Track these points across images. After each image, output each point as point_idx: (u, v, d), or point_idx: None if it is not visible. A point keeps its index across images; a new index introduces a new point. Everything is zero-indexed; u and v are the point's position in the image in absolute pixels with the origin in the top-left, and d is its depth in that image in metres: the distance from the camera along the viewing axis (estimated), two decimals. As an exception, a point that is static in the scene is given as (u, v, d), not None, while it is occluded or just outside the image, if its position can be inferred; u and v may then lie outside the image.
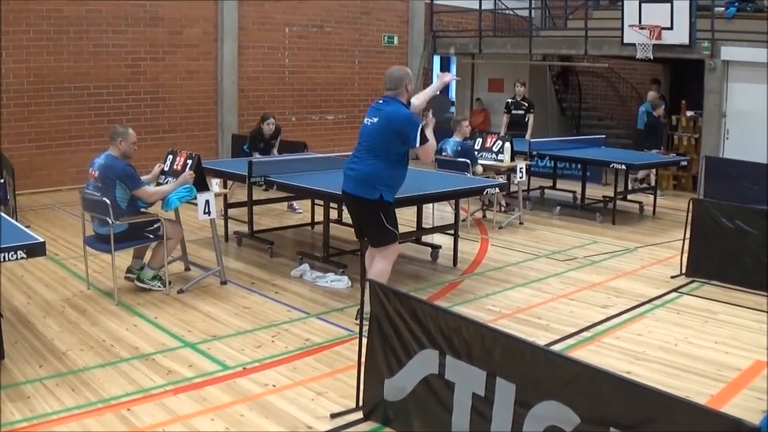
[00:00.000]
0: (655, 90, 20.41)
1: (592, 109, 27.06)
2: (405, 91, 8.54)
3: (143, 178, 9.78)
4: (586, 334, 8.50)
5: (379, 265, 8.54)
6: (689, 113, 19.34)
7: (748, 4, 19.06)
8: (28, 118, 16.57)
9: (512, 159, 14.17)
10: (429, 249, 11.74)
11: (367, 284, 6.24)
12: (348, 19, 22.57)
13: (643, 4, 18.21)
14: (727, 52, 17.77)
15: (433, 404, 5.66)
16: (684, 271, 10.82)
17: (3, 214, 8.21)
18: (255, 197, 12.29)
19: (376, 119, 8.40)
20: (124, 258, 10.08)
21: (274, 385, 7.02)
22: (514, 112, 18.31)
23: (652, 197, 15.83)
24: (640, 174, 18.24)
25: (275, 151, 14.97)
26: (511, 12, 25.58)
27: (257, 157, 13.96)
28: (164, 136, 18.42)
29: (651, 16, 18.15)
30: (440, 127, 10.20)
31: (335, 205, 11.80)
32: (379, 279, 7.85)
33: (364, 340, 6.26)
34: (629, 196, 15.90)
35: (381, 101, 8.57)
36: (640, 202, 15.76)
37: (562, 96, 26.55)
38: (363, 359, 6.29)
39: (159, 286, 9.75)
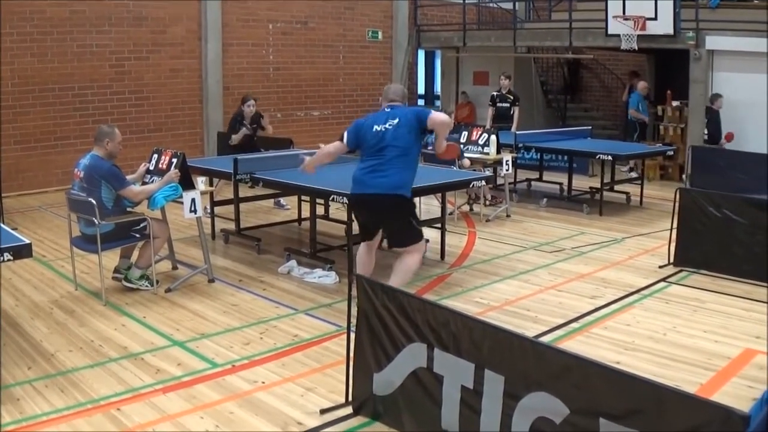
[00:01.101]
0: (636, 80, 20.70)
1: (578, 101, 27.08)
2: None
3: (128, 177, 9.74)
4: (574, 325, 8.51)
5: (415, 258, 8.78)
6: (675, 103, 19.38)
7: (733, -7, 19.12)
8: (13, 120, 16.50)
9: (498, 151, 14.16)
10: (417, 243, 11.72)
11: (354, 279, 6.24)
12: (332, 15, 22.53)
13: (627, -5, 18.26)
14: (712, 42, 17.79)
15: (422, 398, 5.66)
16: (672, 260, 10.84)
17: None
18: (241, 194, 12.28)
19: (395, 120, 8.47)
20: (111, 258, 10.09)
21: (263, 382, 7.02)
22: (499, 104, 18.29)
23: (638, 188, 15.82)
24: (632, 162, 18.34)
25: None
26: (495, 5, 25.63)
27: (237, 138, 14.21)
28: (150, 135, 18.36)
29: (635, 7, 18.16)
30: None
31: (321, 201, 11.77)
32: (409, 274, 8.80)
33: (353, 335, 6.26)
34: (616, 187, 15.90)
35: (387, 108, 8.75)
36: (627, 193, 15.77)
37: (570, 92, 26.76)
38: (351, 354, 6.29)
39: (146, 286, 9.73)
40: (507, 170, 14.04)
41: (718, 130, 17.40)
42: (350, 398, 6.38)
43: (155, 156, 10.23)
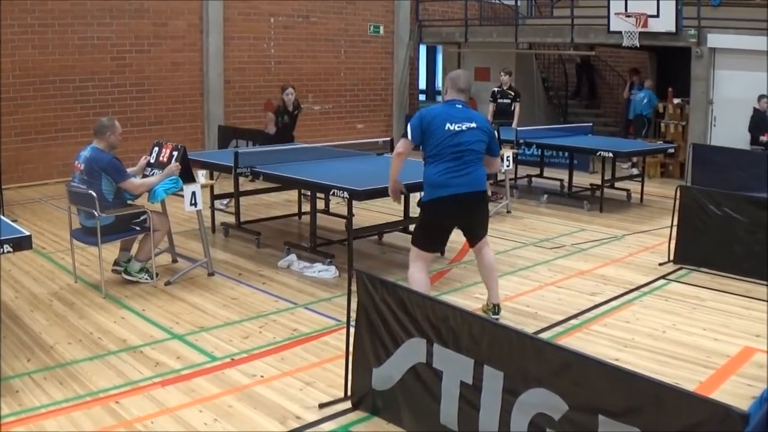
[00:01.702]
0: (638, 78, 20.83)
1: (579, 97, 27.06)
2: None
3: (129, 170, 9.74)
4: (574, 321, 8.52)
5: (490, 253, 8.78)
6: (676, 101, 19.41)
7: (734, -9, 19.12)
8: (14, 112, 16.50)
9: (499, 147, 14.13)
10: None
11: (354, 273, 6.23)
12: (333, 9, 22.52)
13: (629, -8, 18.25)
14: (714, 40, 17.78)
15: (421, 393, 5.66)
16: (672, 258, 10.84)
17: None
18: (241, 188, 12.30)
19: (473, 124, 8.09)
20: (111, 251, 10.09)
21: (262, 376, 7.02)
22: (500, 100, 18.29)
23: (639, 185, 15.81)
24: (635, 159, 18.40)
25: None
26: (496, 1, 25.61)
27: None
28: (150, 128, 18.37)
29: (637, 4, 18.15)
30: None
31: (322, 195, 11.77)
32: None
33: (352, 330, 6.26)
34: (617, 184, 15.89)
35: (459, 105, 8.22)
36: (627, 190, 15.77)
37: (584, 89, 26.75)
38: (351, 349, 6.29)
39: (146, 279, 9.73)
40: (508, 166, 14.04)
41: (761, 130, 17.39)
42: (349, 393, 6.38)
43: (156, 149, 10.23)
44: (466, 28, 23.30)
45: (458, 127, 7.99)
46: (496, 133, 8.51)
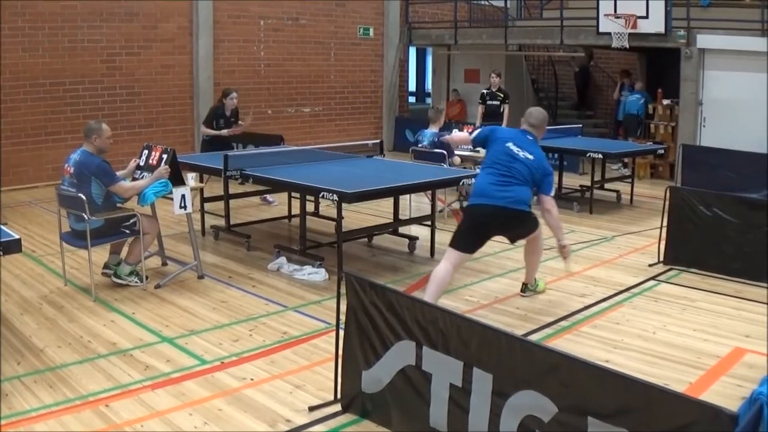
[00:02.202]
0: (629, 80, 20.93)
1: (569, 98, 27.09)
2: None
3: (119, 173, 9.72)
4: (564, 323, 8.53)
5: (537, 243, 9.20)
6: (665, 102, 19.43)
7: (724, -8, 19.16)
8: (4, 115, 16.46)
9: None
10: (406, 240, 11.73)
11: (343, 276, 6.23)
12: (323, 12, 22.55)
13: (618, -7, 18.29)
14: (703, 40, 17.82)
15: (411, 395, 5.66)
16: (662, 259, 10.86)
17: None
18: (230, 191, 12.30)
19: (531, 157, 8.47)
20: (100, 254, 10.08)
21: (252, 379, 7.01)
22: (489, 102, 18.32)
23: (629, 186, 15.83)
24: (626, 159, 18.45)
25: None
26: (486, 3, 25.66)
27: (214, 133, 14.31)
28: (140, 131, 18.37)
29: (626, 5, 18.20)
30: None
31: (311, 198, 11.76)
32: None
33: (342, 333, 6.26)
34: (606, 185, 15.91)
35: (529, 136, 8.77)
36: (617, 191, 15.79)
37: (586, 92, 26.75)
38: (340, 352, 6.29)
39: (136, 282, 9.72)
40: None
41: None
42: (339, 396, 6.39)
43: (145, 152, 10.22)
44: (456, 29, 23.33)
45: (518, 151, 8.46)
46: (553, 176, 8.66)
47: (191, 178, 10.59)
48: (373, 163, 12.13)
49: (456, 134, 9.01)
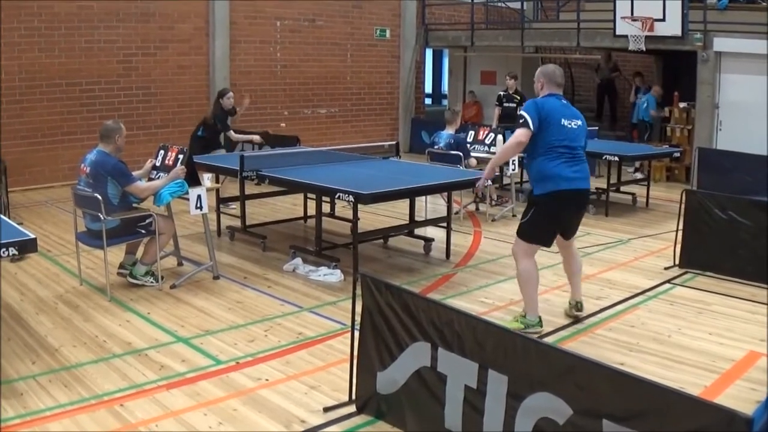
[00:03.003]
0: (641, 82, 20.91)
1: (585, 101, 27.02)
2: None
3: (135, 173, 9.74)
4: (579, 325, 8.50)
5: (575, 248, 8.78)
6: (682, 105, 19.36)
7: (741, -4, 19.09)
8: (20, 115, 16.53)
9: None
10: (422, 242, 11.72)
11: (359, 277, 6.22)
12: (339, 13, 22.56)
13: (635, -4, 18.26)
14: (720, 44, 17.77)
15: (426, 397, 5.65)
16: (677, 262, 10.82)
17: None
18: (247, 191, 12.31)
19: (579, 122, 8.12)
20: (116, 254, 10.10)
21: (267, 380, 7.02)
22: (506, 104, 18.32)
23: (645, 189, 15.80)
24: (637, 163, 18.39)
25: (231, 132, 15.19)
26: (503, 4, 25.64)
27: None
28: (156, 132, 18.40)
29: (643, 8, 18.15)
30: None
31: (327, 199, 11.76)
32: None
33: (357, 334, 6.26)
34: (622, 188, 15.88)
35: (564, 101, 8.22)
36: (633, 194, 15.76)
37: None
38: (355, 353, 6.29)
39: (151, 282, 9.74)
40: (513, 170, 14.03)
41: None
42: (354, 397, 6.38)
43: (161, 152, 10.24)
44: (473, 31, 23.31)
45: (571, 124, 8.01)
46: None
47: (207, 179, 10.62)
48: (389, 165, 12.13)
49: (498, 154, 8.41)
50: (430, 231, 12.39)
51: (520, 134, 7.80)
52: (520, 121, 7.84)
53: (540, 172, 7.94)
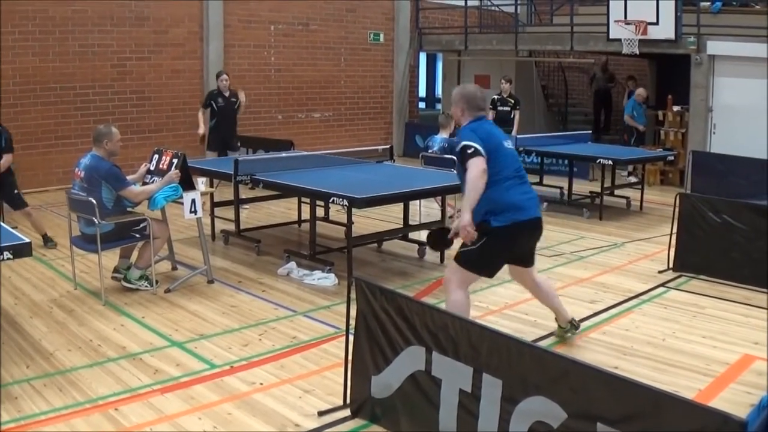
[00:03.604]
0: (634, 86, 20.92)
1: (579, 105, 27.08)
2: None
3: (129, 177, 9.75)
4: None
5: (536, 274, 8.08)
6: (676, 108, 19.38)
7: (734, -1, 19.14)
8: (14, 119, 16.48)
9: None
10: (416, 246, 11.75)
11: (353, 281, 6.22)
12: (333, 17, 22.57)
13: (628, 0, 18.25)
14: (714, 47, 17.80)
15: (420, 401, 5.66)
16: (671, 265, 10.84)
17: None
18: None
19: (509, 141, 7.64)
20: (111, 258, 10.11)
21: (261, 384, 7.02)
22: (500, 108, 18.36)
23: (639, 192, 15.82)
24: (630, 166, 18.41)
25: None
26: (496, 8, 25.66)
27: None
28: (150, 136, 18.39)
29: (636, 12, 18.18)
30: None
31: (321, 203, 11.77)
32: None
33: (351, 338, 6.26)
34: (616, 192, 15.90)
35: (485, 121, 7.72)
36: (627, 198, 15.78)
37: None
38: (350, 357, 6.30)
39: (146, 286, 9.74)
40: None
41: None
42: (348, 400, 6.39)
43: (156, 156, 10.24)
44: (466, 35, 23.33)
45: (509, 145, 7.54)
46: None
47: (201, 183, 10.61)
48: (383, 169, 12.15)
49: (470, 194, 7.37)
50: (424, 235, 12.36)
51: (479, 162, 7.08)
52: (469, 151, 7.13)
53: (494, 202, 7.23)
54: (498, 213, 7.20)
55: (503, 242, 7.30)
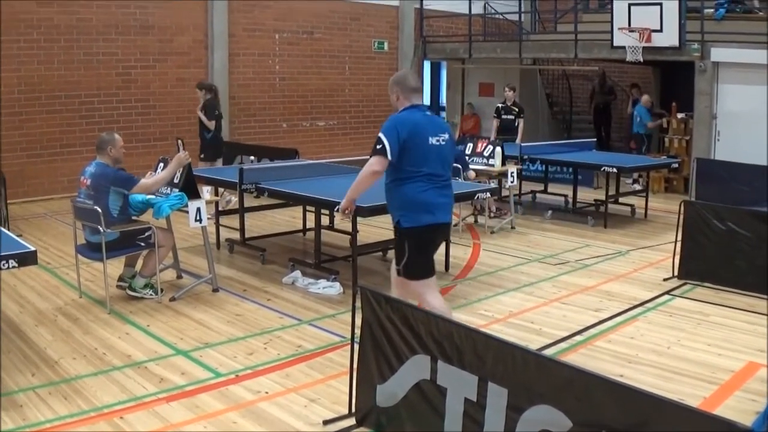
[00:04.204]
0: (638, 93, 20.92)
1: (583, 113, 27.07)
2: None
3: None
4: (578, 337, 8.51)
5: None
6: (680, 115, 19.39)
7: (738, 6, 19.10)
8: (20, 127, 16.56)
9: (503, 163, 14.15)
10: (421, 254, 11.71)
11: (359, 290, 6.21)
12: (338, 26, 22.58)
13: (632, 7, 18.23)
14: (717, 54, 17.78)
15: (426, 410, 5.65)
16: (676, 273, 10.83)
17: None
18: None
19: (446, 135, 7.34)
20: (116, 266, 10.10)
21: (266, 392, 7.02)
22: (504, 116, 18.31)
23: (643, 200, 15.81)
24: (635, 174, 18.42)
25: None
26: (501, 16, 25.62)
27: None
28: (155, 144, 18.40)
29: (640, 19, 18.15)
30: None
31: (326, 212, 11.76)
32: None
33: (356, 347, 6.26)
34: (621, 199, 15.90)
35: (427, 112, 7.55)
36: (631, 205, 15.78)
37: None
38: (355, 365, 6.29)
39: (151, 294, 9.74)
40: (512, 182, 14.05)
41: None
42: (353, 409, 6.38)
43: (161, 165, 10.28)
44: (470, 43, 23.30)
45: (438, 140, 7.24)
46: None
47: (206, 192, 10.63)
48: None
49: (354, 185, 7.51)
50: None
51: (376, 163, 7.10)
52: (377, 147, 7.07)
53: (406, 201, 7.20)
54: (409, 213, 7.17)
55: (418, 241, 7.23)
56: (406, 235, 7.21)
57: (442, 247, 11.18)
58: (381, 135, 7.07)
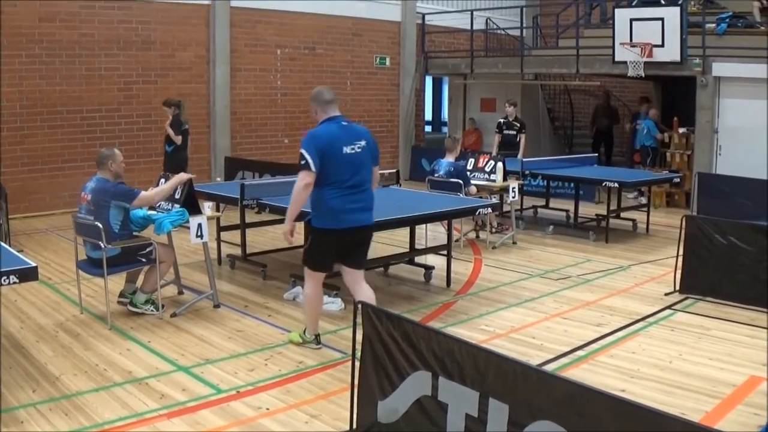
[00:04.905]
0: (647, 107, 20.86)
1: (585, 128, 27.08)
2: None
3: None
4: (580, 353, 8.50)
5: (366, 284, 8.49)
6: (681, 130, 19.39)
7: (739, 20, 19.10)
8: (21, 142, 16.58)
9: (505, 179, 14.16)
10: (422, 270, 11.72)
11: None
12: (339, 41, 22.62)
13: (633, 22, 18.27)
14: (719, 68, 17.81)
15: (427, 426, 5.63)
16: (678, 288, 10.82)
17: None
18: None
19: (362, 142, 8.04)
20: (117, 282, 10.09)
21: (267, 409, 7.01)
22: (505, 132, 18.30)
23: (645, 215, 15.81)
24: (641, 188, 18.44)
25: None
26: (502, 32, 25.70)
27: None
28: (157, 160, 18.30)
29: (642, 34, 18.19)
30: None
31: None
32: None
33: (357, 363, 6.25)
34: (622, 214, 15.89)
35: (345, 122, 8.18)
36: (633, 220, 15.78)
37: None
38: (356, 382, 6.28)
39: (152, 310, 9.73)
40: (513, 197, 14.05)
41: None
42: (354, 426, 6.35)
43: (162, 180, 10.27)
44: (472, 59, 23.36)
45: (353, 148, 7.94)
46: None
47: (208, 207, 10.63)
48: (390, 193, 12.13)
49: (291, 204, 8.04)
50: (430, 259, 12.39)
51: (304, 176, 7.80)
52: (301, 162, 7.79)
53: (317, 204, 8.01)
54: (318, 215, 8.05)
55: (321, 241, 8.15)
56: (311, 230, 8.20)
57: (444, 263, 11.25)
58: (302, 150, 7.81)
